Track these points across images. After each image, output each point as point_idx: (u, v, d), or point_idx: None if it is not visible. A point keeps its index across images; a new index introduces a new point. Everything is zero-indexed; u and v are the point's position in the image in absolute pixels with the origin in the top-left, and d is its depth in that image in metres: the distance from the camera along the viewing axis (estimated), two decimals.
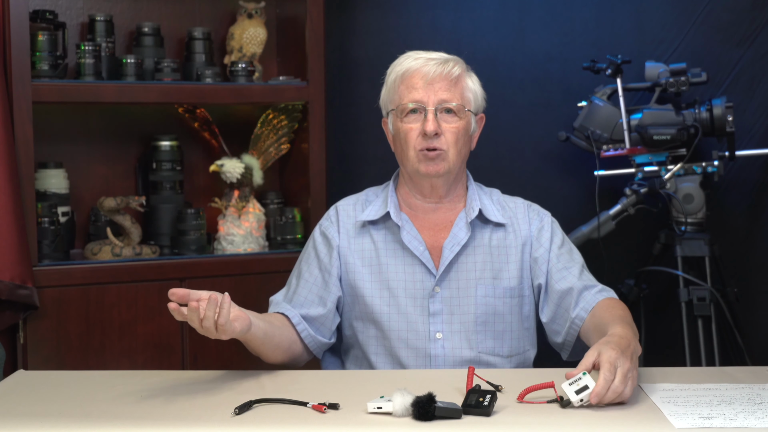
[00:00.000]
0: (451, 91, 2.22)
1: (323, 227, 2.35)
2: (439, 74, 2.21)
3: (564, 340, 2.26)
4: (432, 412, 1.73)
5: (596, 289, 2.24)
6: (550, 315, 2.27)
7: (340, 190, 3.38)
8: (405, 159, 2.26)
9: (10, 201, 2.84)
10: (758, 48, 3.55)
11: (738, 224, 3.61)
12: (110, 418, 1.79)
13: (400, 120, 2.24)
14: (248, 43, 3.37)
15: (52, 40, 3.07)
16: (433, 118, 2.20)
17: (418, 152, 2.23)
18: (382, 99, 2.32)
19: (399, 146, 2.28)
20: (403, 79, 2.24)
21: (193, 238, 3.23)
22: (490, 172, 3.11)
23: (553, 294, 2.26)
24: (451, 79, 2.23)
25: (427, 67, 2.22)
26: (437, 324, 2.24)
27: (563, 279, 2.25)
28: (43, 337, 2.96)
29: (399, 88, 2.25)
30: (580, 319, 2.21)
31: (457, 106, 2.22)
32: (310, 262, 2.32)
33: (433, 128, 2.19)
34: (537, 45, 3.62)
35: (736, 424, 1.71)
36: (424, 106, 2.21)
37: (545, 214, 2.35)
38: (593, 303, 2.21)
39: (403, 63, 2.27)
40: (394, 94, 2.27)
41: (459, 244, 2.26)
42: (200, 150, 3.46)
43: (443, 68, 2.22)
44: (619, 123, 3.34)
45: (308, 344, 2.26)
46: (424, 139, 2.21)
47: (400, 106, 2.24)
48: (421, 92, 2.22)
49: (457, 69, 2.24)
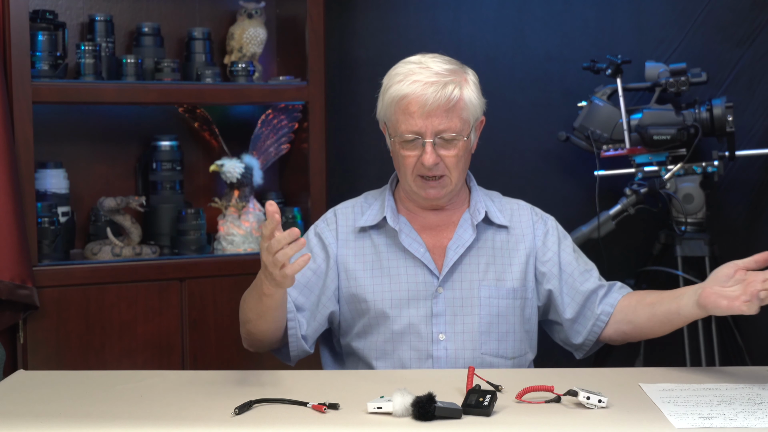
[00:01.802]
0: (450, 117, 2.15)
1: (319, 228, 2.32)
2: (437, 104, 2.13)
3: (585, 340, 2.28)
4: (432, 412, 1.73)
5: (617, 287, 2.31)
6: (574, 315, 2.28)
7: (340, 190, 3.39)
8: (403, 180, 2.24)
9: (10, 201, 2.84)
10: (758, 48, 3.55)
11: (738, 224, 3.61)
12: (110, 418, 1.79)
13: (398, 144, 2.19)
14: (248, 43, 3.37)
15: (52, 40, 3.07)
16: (431, 150, 2.15)
17: (417, 178, 2.20)
18: (378, 111, 2.26)
19: (397, 165, 2.25)
20: (399, 106, 2.17)
21: (193, 238, 3.23)
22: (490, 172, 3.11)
23: (578, 295, 2.28)
24: (450, 106, 2.15)
25: (424, 96, 2.13)
26: (440, 325, 2.23)
27: (587, 280, 2.29)
28: (43, 337, 2.96)
29: (395, 113, 2.18)
30: (606, 314, 2.25)
31: (455, 135, 2.16)
32: None
33: (432, 161, 2.15)
34: (537, 45, 3.62)
35: (736, 424, 1.71)
36: (421, 138, 2.16)
37: (549, 218, 2.35)
38: (617, 298, 2.27)
39: (400, 84, 2.17)
40: (390, 115, 2.20)
41: (464, 246, 2.25)
42: (200, 150, 3.45)
43: (442, 94, 2.13)
44: (619, 123, 3.33)
45: (290, 341, 2.20)
46: (423, 167, 2.17)
47: (396, 132, 2.18)
48: (419, 122, 2.14)
49: (455, 92, 2.15)
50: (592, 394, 1.80)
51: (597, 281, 2.30)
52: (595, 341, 2.28)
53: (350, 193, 2.44)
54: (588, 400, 1.80)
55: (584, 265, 2.32)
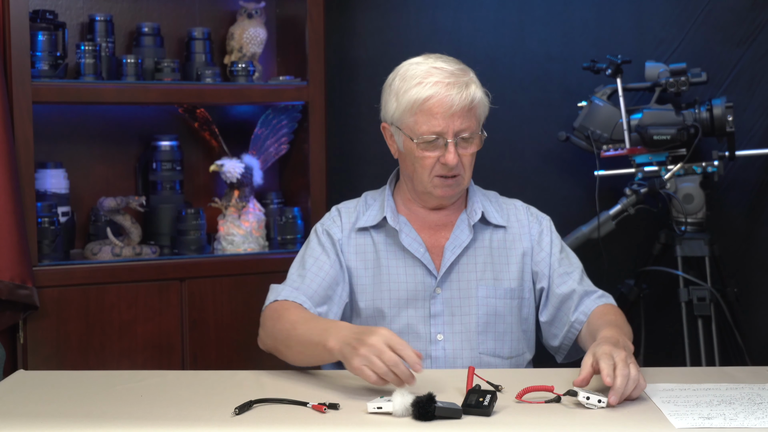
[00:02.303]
0: (469, 118, 2.17)
1: (326, 225, 2.32)
2: (462, 107, 2.14)
3: (561, 344, 2.26)
4: (432, 412, 1.73)
5: (596, 295, 2.25)
6: (549, 318, 2.27)
7: (340, 190, 3.39)
8: (418, 181, 2.23)
9: (10, 201, 2.84)
10: (758, 48, 3.55)
11: (738, 224, 3.61)
12: (110, 418, 1.79)
13: (416, 146, 2.18)
14: (248, 43, 3.37)
15: (52, 40, 3.07)
16: (454, 150, 2.16)
17: (434, 178, 2.21)
18: (387, 110, 2.24)
19: (411, 166, 2.23)
20: (422, 108, 2.15)
21: (193, 238, 3.23)
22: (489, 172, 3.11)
23: (553, 297, 2.26)
24: (471, 106, 2.17)
25: (449, 98, 2.14)
26: (438, 325, 2.23)
27: (564, 283, 2.26)
28: (43, 337, 2.96)
29: (416, 115, 2.16)
30: (579, 323, 2.22)
31: (473, 133, 2.19)
32: (317, 257, 2.26)
33: (455, 161, 2.16)
34: (537, 45, 3.62)
35: (736, 424, 1.71)
36: (444, 138, 2.16)
37: (544, 218, 2.35)
38: (592, 308, 2.22)
39: (422, 87, 2.15)
40: (408, 117, 2.18)
41: (461, 246, 2.25)
42: (200, 150, 3.46)
43: (466, 95, 2.15)
44: (619, 123, 3.33)
45: None
46: (442, 167, 2.18)
47: (416, 133, 2.17)
48: (442, 123, 2.15)
49: (476, 92, 2.18)
50: (592, 394, 1.80)
51: (575, 284, 2.25)
52: (571, 346, 2.26)
53: (350, 193, 2.44)
54: (588, 400, 1.80)
55: (566, 267, 2.28)
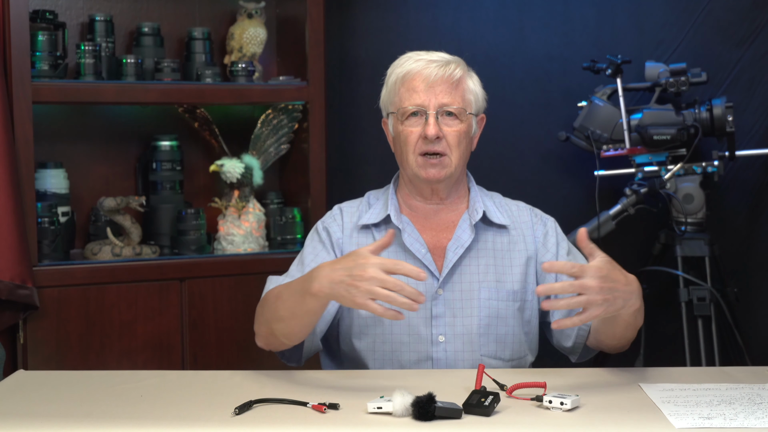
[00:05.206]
0: (452, 94, 2.21)
1: (326, 223, 2.32)
2: (440, 77, 2.20)
3: (574, 343, 2.25)
4: (432, 412, 1.73)
5: None
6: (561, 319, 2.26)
7: (340, 190, 3.39)
8: (405, 162, 2.25)
9: (10, 201, 2.84)
10: (758, 48, 3.55)
11: (738, 224, 3.61)
12: (110, 418, 1.79)
13: (401, 123, 2.23)
14: (248, 43, 3.37)
15: (52, 40, 3.07)
16: (434, 122, 2.19)
17: (418, 157, 2.21)
18: (382, 100, 2.31)
19: (399, 149, 2.27)
20: (404, 82, 2.23)
21: (193, 238, 3.23)
22: (490, 172, 3.11)
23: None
24: (453, 81, 2.21)
25: (428, 70, 2.21)
26: (440, 327, 2.22)
27: None
28: (43, 337, 2.96)
29: (399, 91, 2.24)
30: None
31: (458, 109, 2.21)
32: (317, 253, 2.26)
33: (435, 132, 2.18)
34: (537, 45, 3.62)
35: (736, 424, 1.71)
36: (425, 110, 2.20)
37: (549, 219, 2.35)
38: None
39: (403, 65, 2.25)
40: (394, 96, 2.25)
41: (462, 247, 2.25)
42: (200, 150, 3.46)
43: (445, 71, 2.21)
44: (619, 123, 3.33)
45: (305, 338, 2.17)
46: (424, 142, 2.20)
47: (400, 109, 2.23)
48: (422, 95, 2.20)
49: (458, 71, 2.23)
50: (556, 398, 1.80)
51: None
52: (583, 346, 2.26)
53: (350, 193, 2.44)
54: (550, 404, 1.80)
55: None
